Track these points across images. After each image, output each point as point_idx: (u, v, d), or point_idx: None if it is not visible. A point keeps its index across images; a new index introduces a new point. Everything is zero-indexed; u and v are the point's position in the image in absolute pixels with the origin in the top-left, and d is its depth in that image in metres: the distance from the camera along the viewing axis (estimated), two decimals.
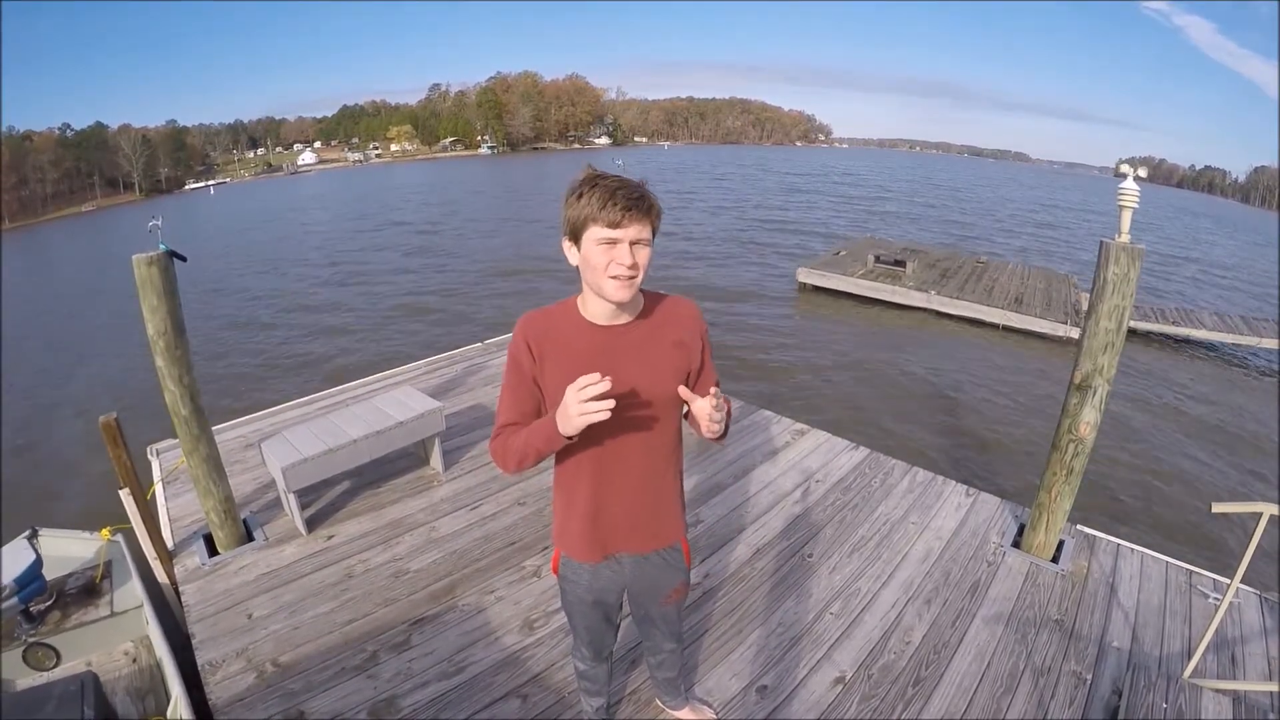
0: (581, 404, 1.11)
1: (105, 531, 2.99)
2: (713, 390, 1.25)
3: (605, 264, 1.19)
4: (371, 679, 2.34)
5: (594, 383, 1.10)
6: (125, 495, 2.95)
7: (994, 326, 10.06)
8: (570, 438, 1.21)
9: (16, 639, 2.65)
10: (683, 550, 1.62)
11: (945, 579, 2.89)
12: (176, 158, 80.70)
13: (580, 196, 1.18)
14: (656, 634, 1.83)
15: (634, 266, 1.19)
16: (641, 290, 1.36)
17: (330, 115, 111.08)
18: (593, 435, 1.29)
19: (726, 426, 1.31)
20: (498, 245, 17.72)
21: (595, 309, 1.31)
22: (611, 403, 1.10)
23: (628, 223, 1.16)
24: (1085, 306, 4.36)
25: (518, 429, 1.34)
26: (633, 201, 1.16)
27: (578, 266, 1.26)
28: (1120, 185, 2.66)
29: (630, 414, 1.32)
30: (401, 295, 12.60)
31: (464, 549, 3.09)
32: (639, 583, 1.61)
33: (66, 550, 2.99)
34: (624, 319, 1.34)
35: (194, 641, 2.54)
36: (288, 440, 3.30)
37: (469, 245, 17.91)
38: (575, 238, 1.22)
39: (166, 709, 2.29)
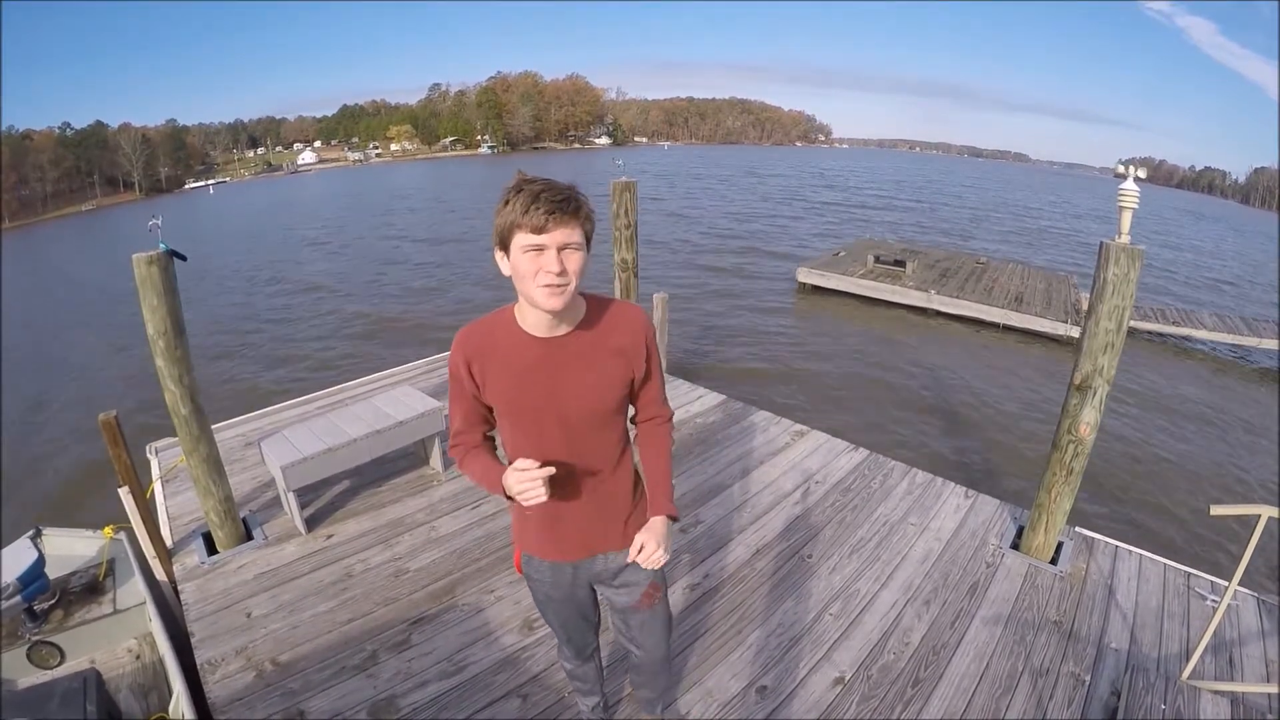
0: (521, 489, 1.21)
1: (108, 530, 3.00)
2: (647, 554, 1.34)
3: (534, 272, 1.14)
4: (371, 678, 2.35)
5: (531, 479, 1.20)
6: (124, 494, 2.95)
7: (994, 326, 10.06)
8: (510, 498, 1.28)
9: (20, 638, 2.66)
10: None
11: (944, 580, 2.89)
12: (176, 157, 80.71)
13: (506, 203, 1.14)
14: (634, 647, 1.73)
15: (564, 273, 1.14)
16: (585, 295, 1.31)
17: (330, 115, 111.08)
18: (539, 447, 1.32)
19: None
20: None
21: (533, 320, 1.26)
22: (543, 496, 1.21)
23: (553, 227, 1.11)
24: (1085, 307, 4.36)
25: (473, 441, 1.42)
26: (557, 204, 1.11)
27: (510, 277, 1.21)
28: (1120, 186, 2.66)
29: (573, 425, 1.32)
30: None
31: (464, 548, 3.10)
32: (603, 575, 1.56)
33: (70, 549, 2.99)
34: (563, 329, 1.29)
35: (193, 640, 2.54)
36: (287, 439, 3.31)
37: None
38: (504, 246, 1.18)
39: (169, 706, 2.29)
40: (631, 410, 1.50)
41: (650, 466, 1.53)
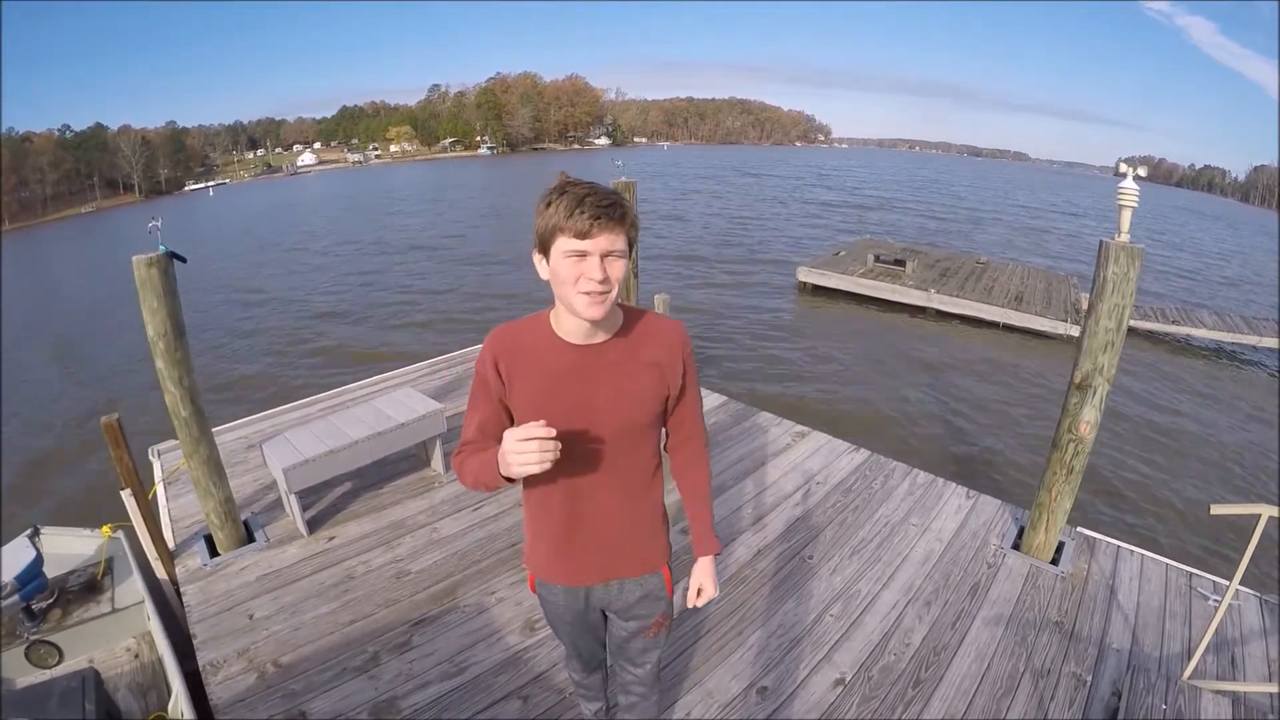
0: (520, 452, 1.04)
1: (106, 529, 3.00)
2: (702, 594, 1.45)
3: (574, 278, 1.10)
4: (373, 680, 2.35)
5: (534, 434, 1.04)
6: (127, 496, 2.96)
7: (994, 325, 10.07)
8: (510, 480, 1.14)
9: (18, 637, 2.66)
10: (664, 577, 1.49)
11: (945, 581, 2.89)
12: (176, 159, 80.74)
13: (549, 205, 1.09)
14: (628, 670, 1.67)
15: (605, 281, 1.10)
16: (622, 305, 1.28)
17: (330, 116, 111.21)
18: (563, 461, 1.21)
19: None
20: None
21: (569, 325, 1.22)
22: (551, 458, 1.05)
23: (597, 232, 1.06)
24: (1085, 306, 4.37)
25: (477, 448, 1.28)
26: (602, 209, 1.06)
27: (549, 282, 1.17)
28: (1120, 185, 2.66)
29: (603, 438, 1.26)
30: None
31: (465, 550, 3.10)
32: (615, 603, 1.50)
33: (68, 548, 3.00)
34: (600, 337, 1.24)
35: (195, 642, 2.54)
36: (289, 441, 3.31)
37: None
38: (544, 249, 1.13)
39: (168, 705, 2.29)
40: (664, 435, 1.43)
41: (691, 498, 1.48)
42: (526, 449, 1.04)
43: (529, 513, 1.44)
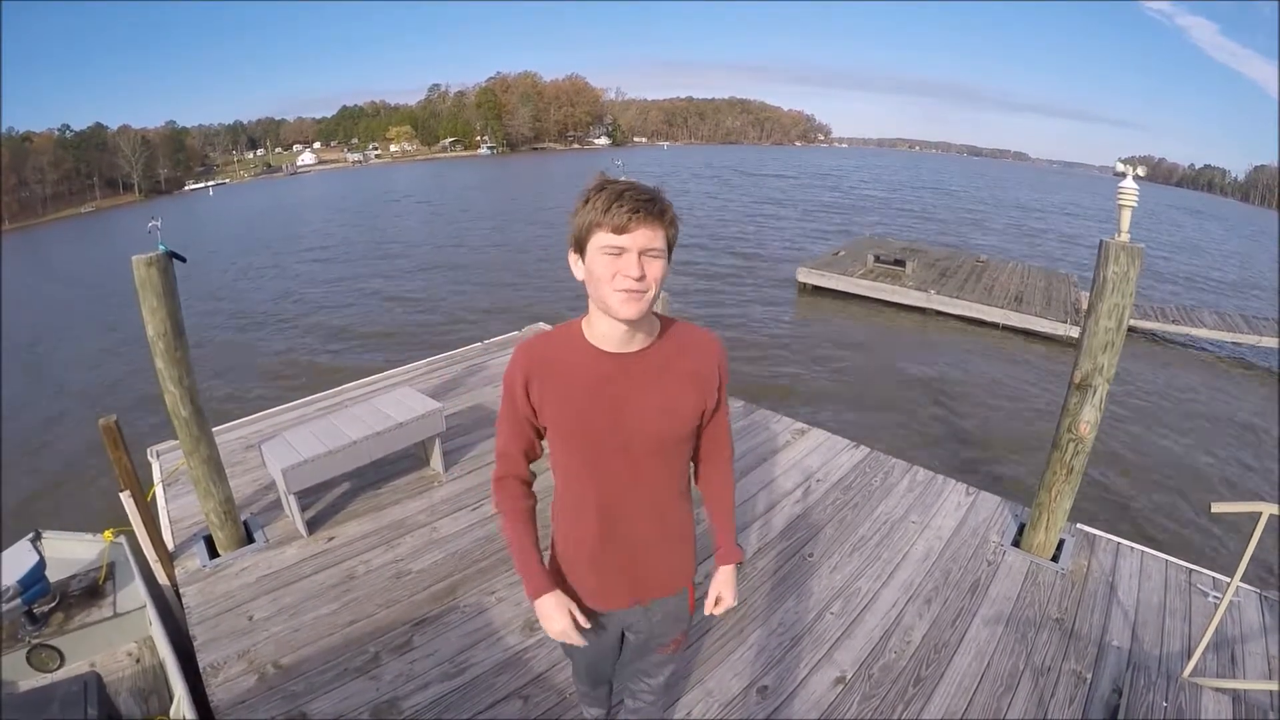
0: (555, 625, 1.28)
1: (108, 533, 3.00)
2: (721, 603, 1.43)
3: (610, 275, 1.06)
4: (373, 680, 2.35)
5: (556, 628, 1.28)
6: (126, 497, 2.95)
7: (994, 326, 10.06)
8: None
9: (20, 641, 2.66)
10: (689, 596, 1.49)
11: (945, 578, 2.89)
12: (176, 159, 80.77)
13: (586, 201, 1.07)
14: (642, 680, 1.69)
15: (643, 279, 1.06)
16: (658, 315, 1.23)
17: (330, 116, 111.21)
18: (599, 475, 1.22)
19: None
20: None
21: (604, 330, 1.16)
22: (571, 642, 1.31)
23: (635, 227, 1.03)
24: (1085, 306, 4.37)
25: (516, 471, 1.34)
26: (641, 204, 1.03)
27: (584, 282, 1.13)
28: (1120, 184, 2.66)
29: (640, 454, 1.22)
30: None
31: (465, 549, 3.10)
32: (638, 625, 1.49)
33: (70, 552, 3.00)
34: (637, 344, 1.18)
35: (195, 643, 2.54)
36: (288, 442, 3.30)
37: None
38: (580, 248, 1.10)
39: (170, 709, 2.29)
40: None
41: (716, 509, 1.46)
42: (550, 627, 1.29)
43: (562, 533, 1.39)
